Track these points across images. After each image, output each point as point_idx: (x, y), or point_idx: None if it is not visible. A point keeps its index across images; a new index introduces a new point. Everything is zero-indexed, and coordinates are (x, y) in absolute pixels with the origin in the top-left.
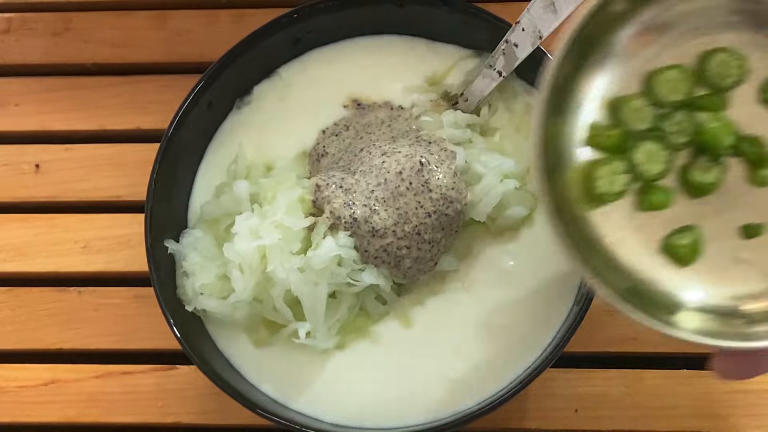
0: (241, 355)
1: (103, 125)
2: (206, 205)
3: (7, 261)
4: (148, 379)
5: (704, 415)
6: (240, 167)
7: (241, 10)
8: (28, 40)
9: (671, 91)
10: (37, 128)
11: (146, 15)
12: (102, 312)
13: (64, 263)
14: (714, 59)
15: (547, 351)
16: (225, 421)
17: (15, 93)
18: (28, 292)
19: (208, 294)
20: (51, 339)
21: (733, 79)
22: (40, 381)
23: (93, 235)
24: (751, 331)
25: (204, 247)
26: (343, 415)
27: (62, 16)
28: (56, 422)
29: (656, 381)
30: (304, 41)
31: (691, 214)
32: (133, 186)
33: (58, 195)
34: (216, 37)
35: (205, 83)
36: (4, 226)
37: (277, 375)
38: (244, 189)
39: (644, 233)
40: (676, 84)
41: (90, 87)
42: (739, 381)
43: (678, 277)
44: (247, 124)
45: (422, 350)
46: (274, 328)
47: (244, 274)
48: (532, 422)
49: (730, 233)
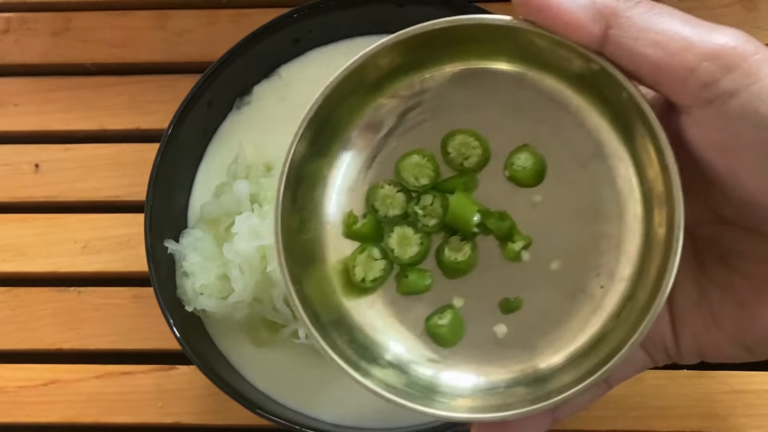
0: (241, 355)
1: (102, 125)
2: (206, 205)
3: (6, 261)
4: (148, 379)
5: (704, 415)
6: (240, 167)
7: (241, 10)
8: (27, 39)
9: (417, 176)
10: (36, 128)
11: (146, 15)
12: (102, 312)
13: (64, 263)
14: (453, 141)
15: None
16: (225, 422)
17: (14, 93)
18: (27, 292)
19: (208, 294)
20: (51, 339)
21: (475, 159)
22: (40, 381)
23: (93, 235)
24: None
25: (204, 247)
26: (343, 415)
27: (62, 15)
28: (56, 422)
29: (657, 381)
30: (304, 41)
31: (452, 295)
32: (132, 186)
33: (58, 195)
34: (216, 37)
35: (205, 83)
36: (4, 226)
37: (277, 375)
38: (244, 189)
39: (409, 317)
40: (421, 168)
41: (90, 87)
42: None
43: (448, 360)
44: (247, 124)
45: None
46: (274, 328)
47: (244, 274)
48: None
49: (491, 310)
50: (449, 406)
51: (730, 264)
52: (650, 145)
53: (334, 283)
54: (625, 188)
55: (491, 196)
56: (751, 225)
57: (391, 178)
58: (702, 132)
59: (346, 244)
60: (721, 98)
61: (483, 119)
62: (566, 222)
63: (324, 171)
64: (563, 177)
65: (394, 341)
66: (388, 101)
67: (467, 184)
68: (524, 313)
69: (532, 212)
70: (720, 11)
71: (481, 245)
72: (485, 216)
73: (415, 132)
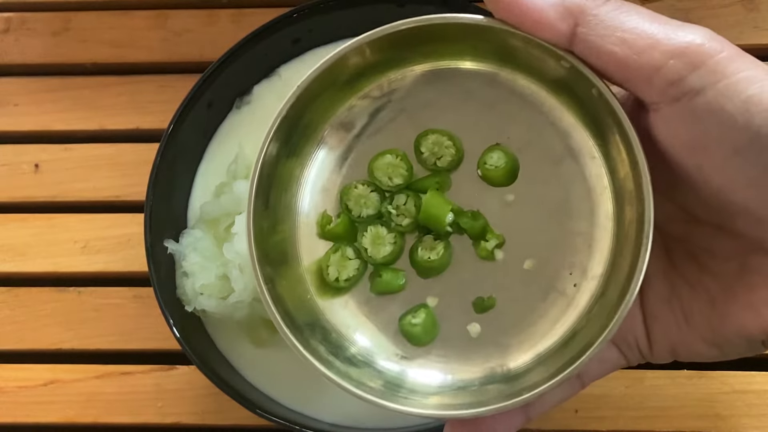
0: (240, 355)
1: (102, 125)
2: (206, 205)
3: (6, 261)
4: (148, 380)
5: (705, 415)
6: (240, 167)
7: (241, 10)
8: (27, 39)
9: (391, 176)
10: (36, 128)
11: (146, 15)
12: (101, 312)
13: (64, 263)
14: (426, 141)
15: None
16: (224, 422)
17: (14, 93)
18: (27, 292)
19: (207, 294)
20: (50, 339)
21: (448, 158)
22: (40, 381)
23: (92, 235)
24: (483, 399)
25: (204, 247)
26: (342, 415)
27: (61, 15)
28: (56, 422)
29: (657, 381)
30: (303, 41)
31: (426, 294)
32: (132, 186)
33: (58, 195)
34: (216, 37)
35: (205, 83)
36: (4, 226)
37: (278, 375)
38: (244, 189)
39: (383, 317)
40: (395, 168)
41: (89, 87)
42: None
43: (421, 359)
44: (247, 124)
45: None
46: (274, 328)
47: (244, 274)
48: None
49: (465, 310)
50: (423, 404)
51: (700, 262)
52: (621, 142)
53: (308, 283)
54: (598, 186)
55: (464, 195)
56: (721, 222)
57: (364, 178)
58: (670, 129)
59: (320, 244)
60: (687, 95)
61: (456, 119)
62: (539, 221)
63: (297, 171)
64: (536, 176)
65: (367, 340)
66: (361, 101)
67: (440, 184)
68: (497, 311)
69: (505, 211)
70: (720, 11)
71: (455, 244)
72: (458, 215)
73: (387, 131)
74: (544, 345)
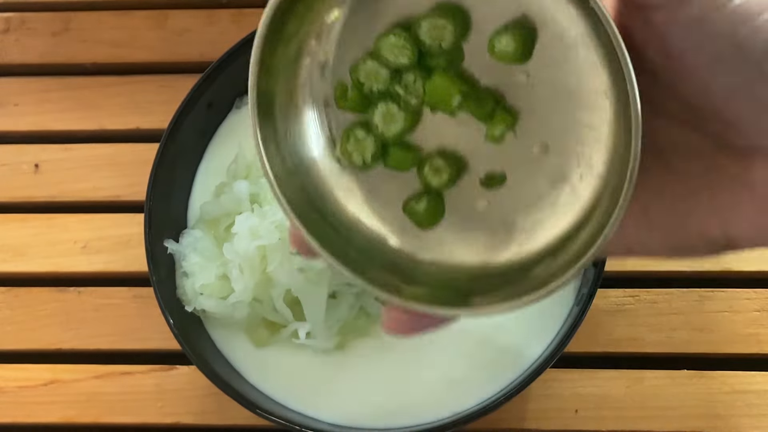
0: (241, 355)
1: (102, 125)
2: (206, 205)
3: (6, 261)
4: (148, 380)
5: (704, 415)
6: (240, 167)
7: (241, 10)
8: (27, 39)
9: (397, 55)
10: (36, 128)
11: (146, 15)
12: (101, 312)
13: (64, 263)
14: (425, 23)
15: (548, 351)
16: (225, 422)
17: (14, 93)
18: (27, 292)
19: (207, 294)
20: (50, 339)
21: (449, 40)
22: (40, 381)
23: (92, 235)
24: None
25: (204, 248)
26: (343, 415)
27: (61, 15)
28: (56, 422)
29: (657, 381)
30: None
31: None
32: (132, 186)
33: (58, 195)
34: (216, 37)
35: (205, 83)
36: (3, 226)
37: (277, 375)
38: (244, 189)
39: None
40: (400, 48)
41: (89, 87)
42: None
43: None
44: (247, 124)
45: (422, 350)
46: (274, 329)
47: (244, 274)
48: (532, 423)
49: (472, 187)
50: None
51: (664, 159)
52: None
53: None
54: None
55: (476, 71)
56: (692, 120)
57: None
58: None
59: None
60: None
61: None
62: (550, 105)
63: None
64: (551, 58)
65: (371, 220)
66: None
67: (451, 61)
68: (506, 190)
69: (518, 91)
70: None
71: (464, 125)
72: (466, 97)
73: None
74: (551, 233)
